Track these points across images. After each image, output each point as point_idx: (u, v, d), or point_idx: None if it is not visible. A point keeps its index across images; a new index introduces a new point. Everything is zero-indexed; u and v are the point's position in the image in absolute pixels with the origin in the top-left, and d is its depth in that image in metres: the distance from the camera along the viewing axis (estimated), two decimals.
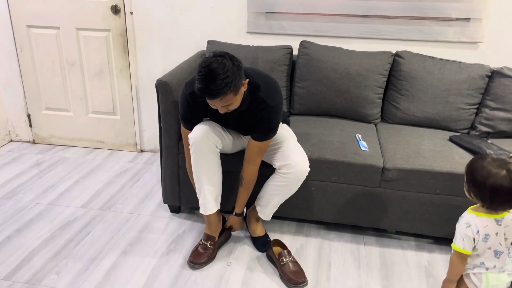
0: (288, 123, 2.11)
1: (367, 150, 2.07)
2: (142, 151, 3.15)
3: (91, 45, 2.87)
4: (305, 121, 2.39)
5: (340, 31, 2.56)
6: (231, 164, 2.05)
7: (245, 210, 2.04)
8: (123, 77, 2.93)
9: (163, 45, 2.80)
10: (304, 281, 1.83)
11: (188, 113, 1.83)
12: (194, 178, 1.91)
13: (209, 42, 2.57)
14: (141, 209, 2.38)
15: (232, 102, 1.59)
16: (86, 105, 3.06)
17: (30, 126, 3.19)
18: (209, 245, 1.97)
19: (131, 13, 2.74)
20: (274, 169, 1.88)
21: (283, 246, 1.99)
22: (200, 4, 2.66)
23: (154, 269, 1.91)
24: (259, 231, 2.09)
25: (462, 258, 1.41)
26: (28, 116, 3.16)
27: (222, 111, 1.64)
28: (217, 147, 1.85)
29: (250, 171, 1.87)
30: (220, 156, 1.92)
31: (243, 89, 1.62)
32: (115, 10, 2.73)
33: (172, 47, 2.80)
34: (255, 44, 2.66)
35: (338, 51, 2.40)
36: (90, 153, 3.09)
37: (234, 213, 2.01)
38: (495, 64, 2.45)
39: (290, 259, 1.90)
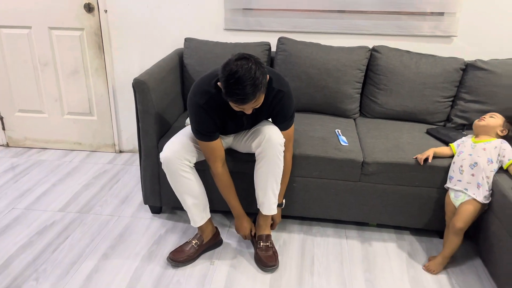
0: None
1: (347, 145, 2.08)
2: (120, 151, 3.09)
3: (65, 45, 2.80)
4: None
5: (318, 26, 2.57)
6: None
7: (284, 201, 2.05)
8: (99, 77, 2.87)
9: (139, 43, 2.76)
10: (274, 264, 1.89)
11: (205, 124, 1.74)
12: (177, 195, 1.92)
13: (186, 39, 2.54)
14: (121, 210, 2.34)
15: (261, 100, 1.62)
16: (62, 106, 2.99)
17: (3, 129, 3.10)
18: (194, 244, 1.96)
19: (105, 11, 2.68)
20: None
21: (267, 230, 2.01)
22: (176, 1, 2.63)
23: (136, 271, 1.88)
24: (262, 230, 2.02)
25: None
26: (1, 118, 3.06)
27: (249, 111, 1.65)
28: (190, 162, 1.86)
29: (285, 159, 1.88)
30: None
31: None
32: (89, 8, 2.67)
33: (148, 45, 2.76)
34: (233, 41, 2.65)
35: (316, 47, 2.41)
36: (67, 155, 3.02)
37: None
38: (469, 57, 2.50)
39: (267, 244, 1.95)
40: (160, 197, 2.22)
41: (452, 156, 1.97)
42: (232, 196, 1.93)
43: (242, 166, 2.03)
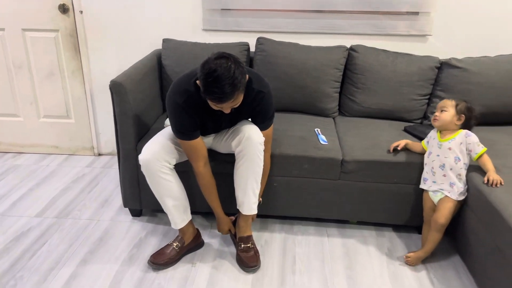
0: None
1: (326, 143, 2.10)
2: (99, 154, 3.05)
3: (39, 47, 2.74)
4: None
5: (296, 26, 2.58)
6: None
7: (261, 200, 2.05)
8: (75, 79, 2.82)
9: (116, 44, 2.72)
10: (255, 265, 1.90)
11: (185, 122, 1.72)
12: (157, 197, 1.90)
13: (164, 40, 2.51)
14: (100, 214, 2.31)
15: (239, 100, 1.62)
16: (37, 109, 2.92)
17: None
18: (175, 246, 1.94)
19: (81, 12, 2.64)
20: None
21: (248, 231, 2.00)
22: (153, 1, 2.60)
23: (116, 275, 1.86)
24: (243, 231, 2.01)
25: None
26: None
27: (227, 111, 1.64)
28: (169, 164, 1.84)
29: (264, 159, 1.87)
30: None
31: None
32: (63, 9, 2.62)
33: (126, 47, 2.73)
34: (212, 42, 2.64)
35: (294, 47, 2.42)
36: (44, 159, 2.96)
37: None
38: (443, 56, 2.54)
39: (248, 245, 1.95)
40: (140, 200, 2.20)
41: (424, 153, 2.01)
42: (213, 196, 1.92)
43: (223, 167, 2.02)
